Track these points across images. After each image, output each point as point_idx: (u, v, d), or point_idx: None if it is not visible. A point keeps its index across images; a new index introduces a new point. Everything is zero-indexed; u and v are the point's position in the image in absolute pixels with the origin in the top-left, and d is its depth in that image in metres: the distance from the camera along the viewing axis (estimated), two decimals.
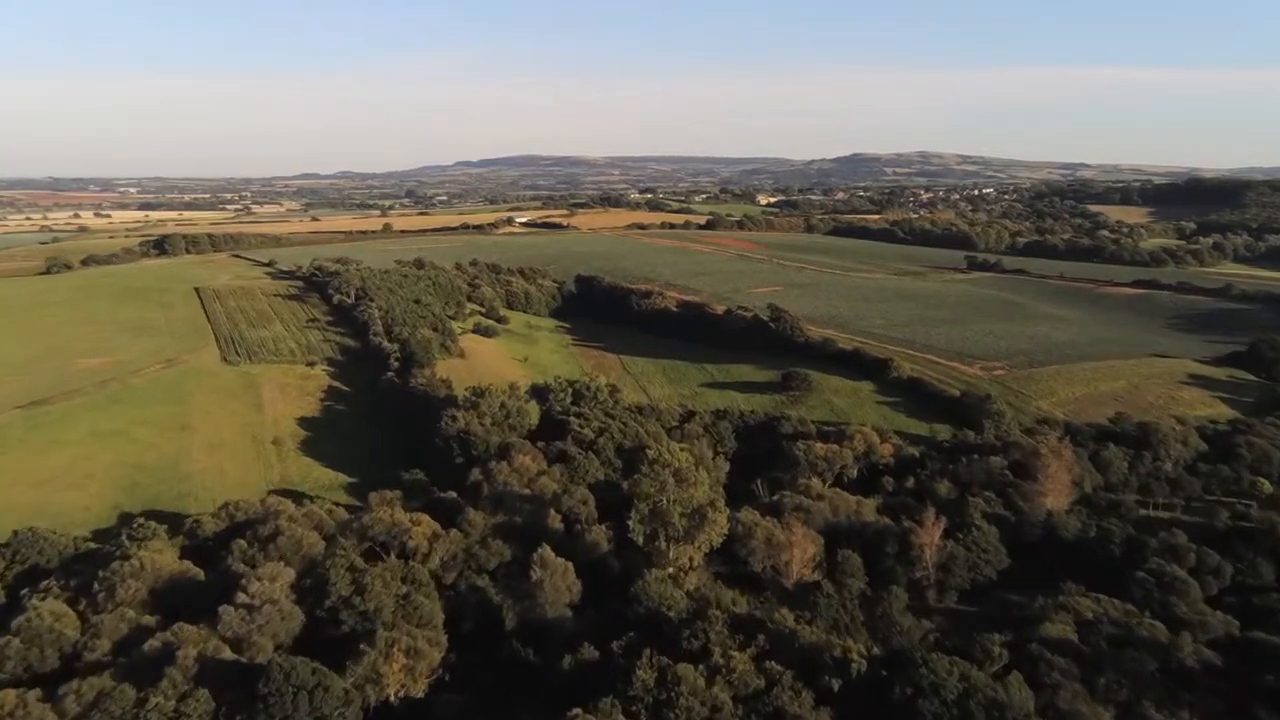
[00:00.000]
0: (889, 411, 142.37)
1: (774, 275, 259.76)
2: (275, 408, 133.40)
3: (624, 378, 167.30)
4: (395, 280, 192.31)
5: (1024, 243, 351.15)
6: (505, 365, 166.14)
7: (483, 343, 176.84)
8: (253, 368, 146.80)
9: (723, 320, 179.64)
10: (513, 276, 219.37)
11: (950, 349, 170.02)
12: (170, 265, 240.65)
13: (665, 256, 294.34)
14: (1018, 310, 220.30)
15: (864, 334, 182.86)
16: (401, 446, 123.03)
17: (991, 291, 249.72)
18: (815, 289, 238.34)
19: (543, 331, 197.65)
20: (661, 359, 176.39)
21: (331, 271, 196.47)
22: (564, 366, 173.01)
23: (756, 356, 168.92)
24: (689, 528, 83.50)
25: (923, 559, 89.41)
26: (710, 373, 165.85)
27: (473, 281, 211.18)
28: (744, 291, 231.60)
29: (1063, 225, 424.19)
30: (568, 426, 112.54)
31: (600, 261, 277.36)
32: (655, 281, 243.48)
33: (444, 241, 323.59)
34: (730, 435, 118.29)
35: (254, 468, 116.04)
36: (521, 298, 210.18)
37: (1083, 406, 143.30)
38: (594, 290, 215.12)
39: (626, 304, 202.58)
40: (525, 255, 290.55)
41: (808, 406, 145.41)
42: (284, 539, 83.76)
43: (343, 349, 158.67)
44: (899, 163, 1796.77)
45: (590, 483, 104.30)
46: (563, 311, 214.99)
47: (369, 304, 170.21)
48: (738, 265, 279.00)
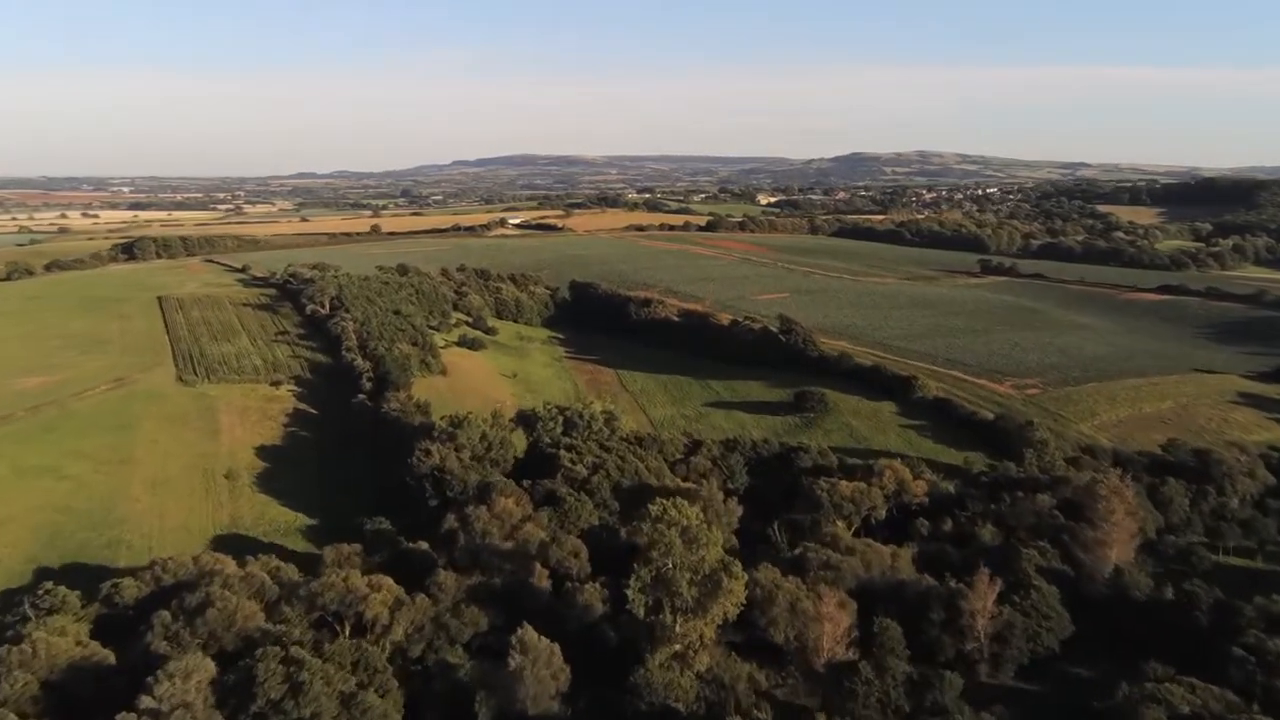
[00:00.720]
0: (914, 437, 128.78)
1: (780, 281, 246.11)
2: (232, 435, 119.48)
3: (621, 395, 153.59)
4: (375, 288, 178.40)
5: (1038, 245, 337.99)
6: (492, 383, 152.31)
7: (468, 357, 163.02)
8: (211, 388, 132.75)
9: (729, 332, 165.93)
10: (503, 283, 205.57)
11: (977, 364, 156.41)
12: (137, 271, 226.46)
13: (665, 260, 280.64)
14: (1039, 318, 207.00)
15: (881, 346, 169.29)
16: (372, 480, 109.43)
17: (1009, 297, 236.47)
18: (825, 296, 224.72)
19: (534, 343, 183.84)
20: (662, 374, 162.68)
21: (306, 279, 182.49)
22: (556, 383, 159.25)
23: (766, 372, 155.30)
24: (700, 597, 69.73)
25: (974, 628, 75.74)
26: (716, 390, 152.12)
27: (460, 289, 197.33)
28: (749, 299, 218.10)
29: (1074, 227, 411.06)
30: (558, 462, 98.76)
31: (597, 266, 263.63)
32: (655, 287, 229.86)
33: (432, 244, 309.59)
34: (741, 469, 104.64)
35: (200, 508, 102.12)
36: (512, 306, 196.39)
37: (1128, 431, 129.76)
38: (590, 298, 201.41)
39: (624, 313, 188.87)
40: (517, 259, 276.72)
41: (824, 430, 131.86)
42: (215, 611, 69.86)
43: (313, 366, 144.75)
44: (898, 162, 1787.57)
45: (583, 529, 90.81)
46: (556, 320, 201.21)
47: (343, 315, 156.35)
48: (741, 270, 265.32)
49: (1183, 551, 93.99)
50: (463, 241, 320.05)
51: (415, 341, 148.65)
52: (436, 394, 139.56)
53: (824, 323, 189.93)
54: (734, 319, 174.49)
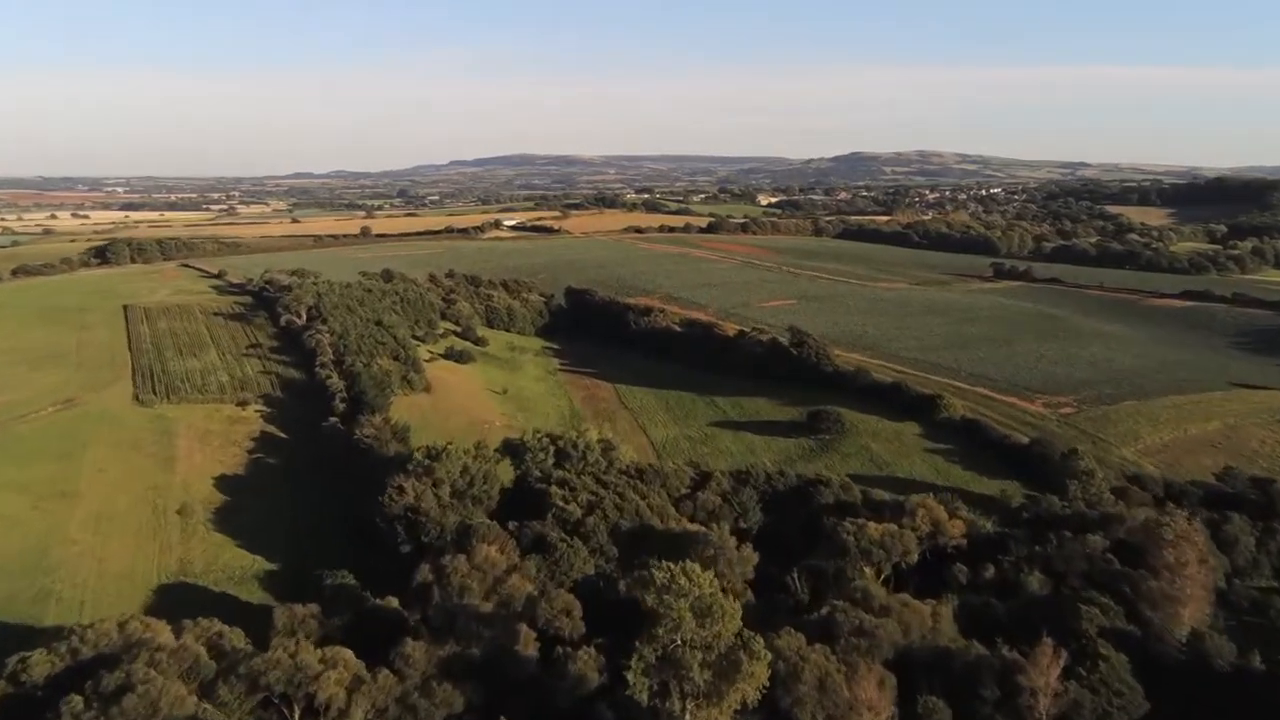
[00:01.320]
0: (941, 463, 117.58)
1: (786, 286, 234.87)
2: (190, 463, 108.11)
3: (620, 413, 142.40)
4: (357, 296, 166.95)
5: (1050, 248, 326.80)
6: (480, 400, 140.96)
7: (455, 371, 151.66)
8: (171, 409, 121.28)
9: (735, 344, 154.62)
10: (494, 290, 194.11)
11: (1003, 379, 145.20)
12: (109, 277, 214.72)
13: (665, 264, 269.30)
14: (1061, 326, 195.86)
15: (898, 359, 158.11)
16: (343, 515, 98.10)
17: (1026, 304, 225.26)
18: (833, 302, 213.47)
19: (527, 354, 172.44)
20: (664, 389, 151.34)
21: (283, 286, 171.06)
22: (550, 400, 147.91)
23: (775, 388, 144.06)
24: (714, 680, 58.48)
25: (1035, 709, 64.49)
26: (721, 408, 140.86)
27: (448, 296, 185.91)
28: (754, 305, 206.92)
29: (1085, 228, 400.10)
30: (548, 499, 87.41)
31: (594, 270, 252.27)
32: (655, 294, 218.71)
33: (423, 247, 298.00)
34: (755, 506, 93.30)
35: (146, 550, 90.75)
36: (504, 314, 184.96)
37: (1175, 456, 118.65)
38: (586, 305, 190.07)
39: (623, 322, 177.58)
40: (511, 264, 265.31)
41: (841, 454, 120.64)
42: (136, 697, 58.49)
43: (285, 383, 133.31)
44: (898, 162, 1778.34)
45: (576, 579, 79.62)
46: (551, 329, 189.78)
47: (320, 327, 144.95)
48: (745, 274, 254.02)
49: (1258, 603, 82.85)
50: (455, 244, 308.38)
51: (397, 356, 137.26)
52: (419, 414, 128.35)
53: (834, 332, 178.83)
54: (740, 330, 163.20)
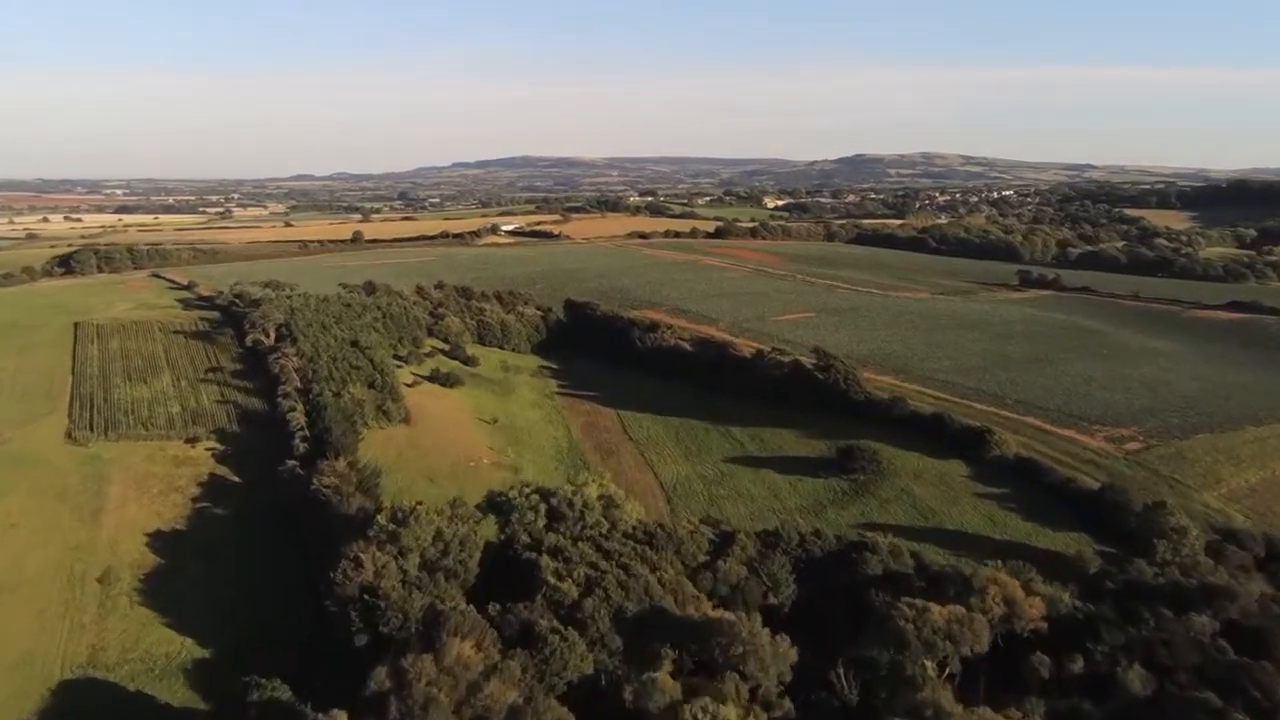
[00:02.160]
0: (996, 511, 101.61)
1: (802, 297, 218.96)
2: (122, 514, 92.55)
3: (624, 446, 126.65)
4: (334, 312, 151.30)
5: (1076, 254, 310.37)
6: (467, 432, 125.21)
7: (440, 397, 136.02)
8: (108, 447, 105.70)
9: (752, 366, 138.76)
10: (487, 303, 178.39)
11: (1054, 407, 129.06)
12: (69, 289, 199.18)
13: (672, 273, 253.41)
14: (1103, 342, 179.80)
15: (932, 382, 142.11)
16: (299, 582, 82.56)
17: (1060, 315, 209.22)
18: (854, 315, 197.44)
19: (522, 375, 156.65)
20: (673, 416, 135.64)
21: (254, 300, 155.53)
22: (546, 430, 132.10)
23: (800, 417, 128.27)
24: None
25: None
26: (739, 440, 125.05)
27: (436, 309, 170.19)
28: (769, 320, 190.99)
29: (1107, 232, 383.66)
30: (538, 573, 71.71)
31: (595, 280, 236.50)
32: (661, 305, 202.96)
33: (415, 254, 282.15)
34: (788, 577, 77.41)
35: (53, 630, 75.23)
36: (497, 330, 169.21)
37: (1265, 503, 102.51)
38: (587, 320, 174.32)
39: (627, 338, 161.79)
40: (507, 272, 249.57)
41: (879, 500, 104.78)
42: None
43: (244, 414, 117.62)
44: (902, 164, 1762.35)
45: (572, 681, 63.95)
46: (548, 346, 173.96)
47: (287, 349, 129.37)
48: (758, 284, 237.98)
49: None
50: (449, 251, 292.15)
51: (373, 382, 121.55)
52: (395, 451, 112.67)
53: (860, 350, 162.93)
54: (758, 350, 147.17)
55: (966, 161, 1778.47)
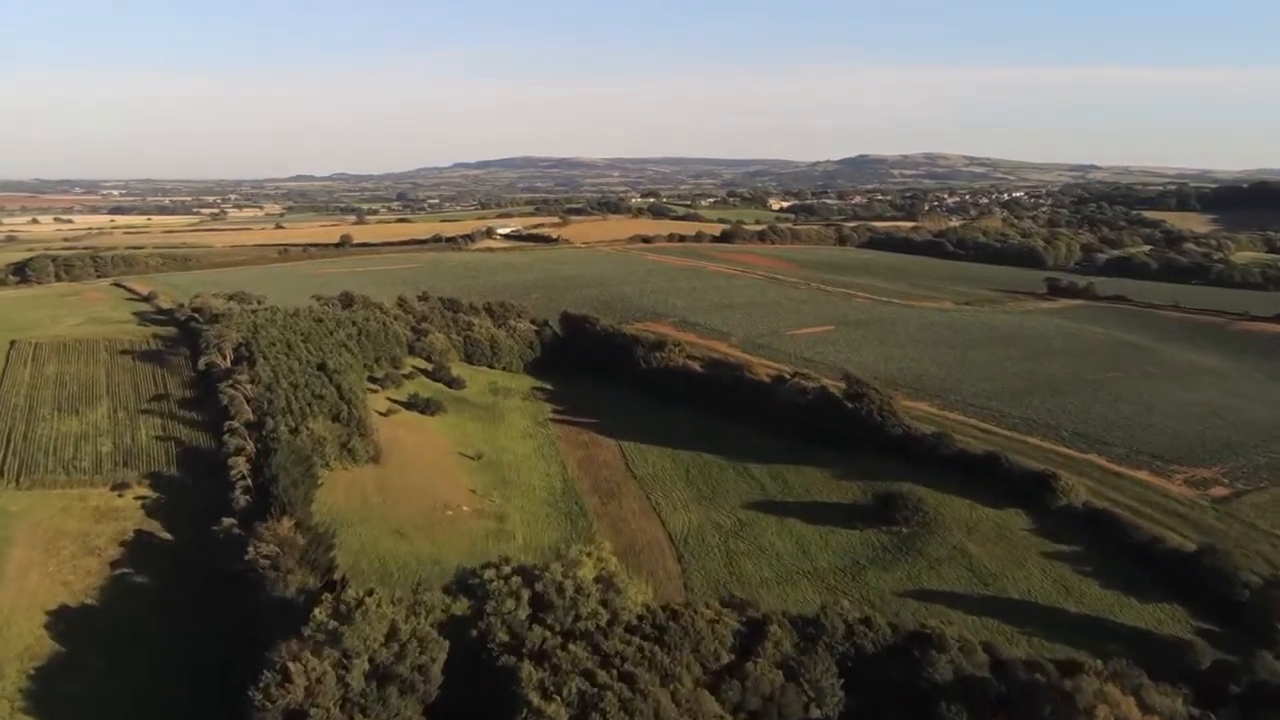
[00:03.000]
0: (1068, 575, 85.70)
1: (818, 307, 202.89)
2: (20, 587, 76.67)
3: (626, 485, 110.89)
4: (303, 329, 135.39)
5: (1104, 260, 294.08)
6: (447, 470, 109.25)
7: (419, 427, 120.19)
8: (18, 497, 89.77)
9: (771, 392, 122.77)
10: (476, 316, 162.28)
11: (1118, 441, 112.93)
12: (17, 300, 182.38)
13: (677, 281, 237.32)
14: (1151, 360, 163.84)
15: (974, 409, 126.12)
16: (221, 693, 66.38)
17: (1098, 329, 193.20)
18: (878, 329, 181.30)
19: (513, 399, 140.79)
20: (682, 449, 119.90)
21: (215, 315, 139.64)
22: (538, 466, 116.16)
23: (827, 453, 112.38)
24: None
25: None
26: (758, 480, 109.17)
27: (419, 324, 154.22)
28: (784, 334, 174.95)
29: (1130, 236, 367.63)
30: (517, 688, 55.75)
31: (595, 289, 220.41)
32: (666, 317, 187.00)
33: (403, 261, 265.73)
34: (834, 683, 61.31)
35: None
36: (486, 347, 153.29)
37: None
38: (585, 336, 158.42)
39: (629, 357, 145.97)
40: (500, 280, 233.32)
41: (929, 560, 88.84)
42: None
43: (186, 454, 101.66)
44: (905, 164, 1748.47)
45: None
46: (543, 365, 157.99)
47: (243, 373, 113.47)
48: (770, 293, 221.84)
49: None
50: (439, 257, 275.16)
51: (338, 414, 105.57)
52: (359, 498, 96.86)
53: (887, 370, 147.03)
54: (777, 373, 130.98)
55: (970, 162, 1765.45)
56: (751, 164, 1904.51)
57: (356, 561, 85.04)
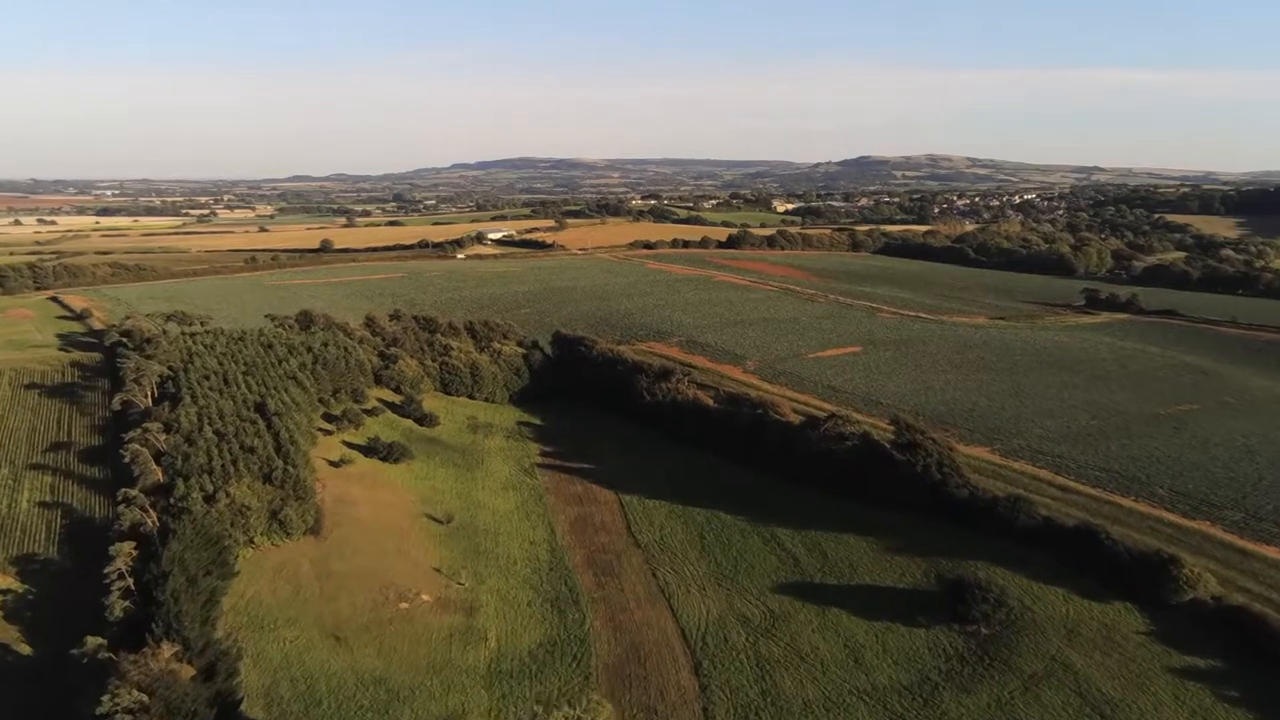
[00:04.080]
0: (1209, 702, 65.36)
1: (841, 324, 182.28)
2: None
3: (628, 555, 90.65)
4: (246, 358, 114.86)
5: (1141, 268, 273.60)
6: (405, 541, 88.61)
7: (378, 480, 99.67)
8: None
9: (802, 437, 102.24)
10: (455, 338, 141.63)
11: (1226, 501, 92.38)
12: None
13: (683, 292, 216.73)
14: (1225, 387, 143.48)
15: (1043, 457, 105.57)
16: None
17: (1151, 348, 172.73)
18: (911, 351, 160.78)
19: (495, 437, 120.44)
20: (695, 505, 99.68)
21: (147, 338, 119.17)
22: (521, 528, 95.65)
23: (872, 515, 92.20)
24: None
25: None
26: (790, 552, 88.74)
27: (389, 349, 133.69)
28: (806, 357, 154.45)
29: (1160, 241, 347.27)
30: None
31: (592, 302, 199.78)
32: (672, 336, 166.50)
33: (381, 269, 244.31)
34: None
35: None
36: (465, 375, 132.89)
37: None
38: (581, 361, 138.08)
39: (631, 387, 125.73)
40: (488, 292, 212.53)
41: (1022, 679, 68.29)
42: None
43: (74, 527, 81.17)
44: (908, 166, 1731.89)
45: None
46: (532, 395, 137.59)
47: (162, 416, 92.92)
48: (786, 306, 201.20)
49: None
50: (422, 266, 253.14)
51: (270, 472, 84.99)
52: (288, 585, 76.34)
53: (930, 403, 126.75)
54: (808, 415, 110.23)
55: (973, 164, 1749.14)
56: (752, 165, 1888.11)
57: (275, 683, 64.79)
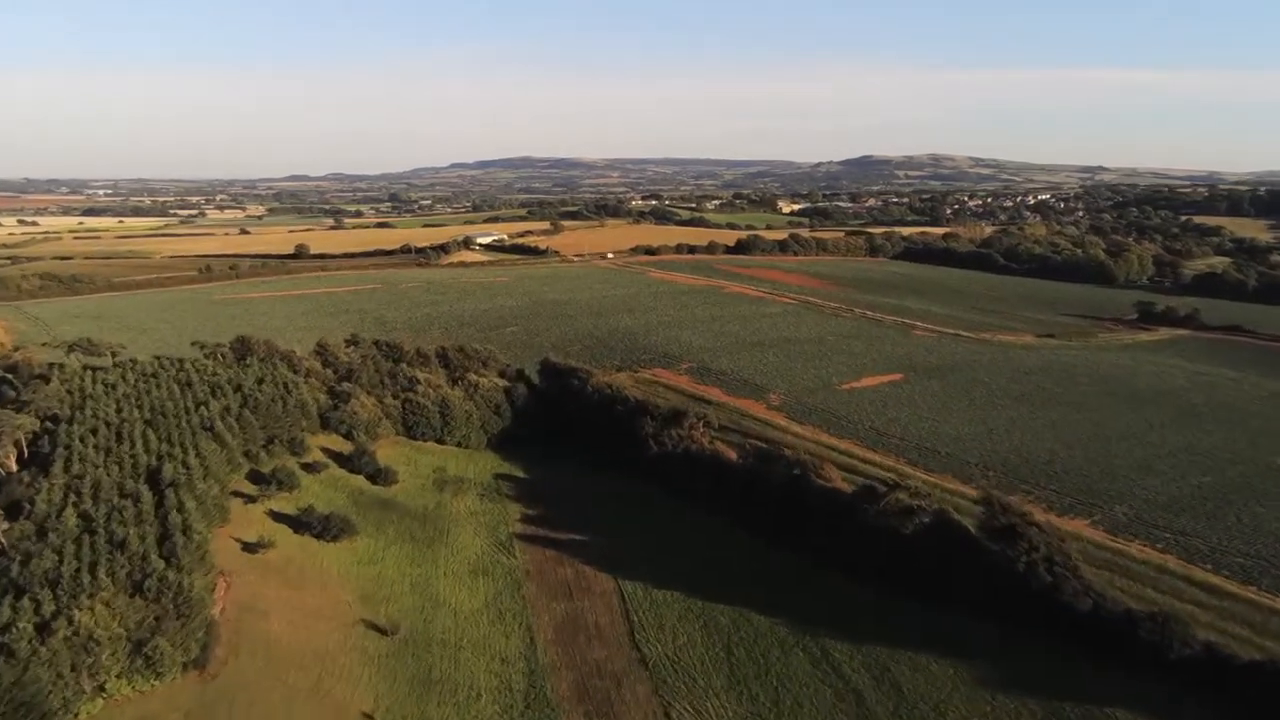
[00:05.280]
0: None
1: (874, 345, 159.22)
2: None
3: (630, 678, 67.69)
4: (152, 402, 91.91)
5: (1191, 276, 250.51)
6: (327, 666, 65.55)
7: (306, 568, 76.86)
8: None
9: (854, 511, 79.29)
10: (423, 368, 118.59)
11: None
12: None
13: (691, 307, 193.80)
14: None
15: (1162, 535, 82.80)
16: None
17: (1229, 373, 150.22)
18: (960, 378, 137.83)
19: (466, 496, 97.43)
20: (717, 599, 76.93)
21: (38, 375, 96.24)
22: (489, 638, 72.68)
23: (954, 621, 69.27)
24: None
25: None
26: (849, 681, 65.83)
27: (341, 383, 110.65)
28: (839, 388, 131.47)
29: (1199, 246, 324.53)
30: None
31: (589, 320, 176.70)
32: (681, 360, 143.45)
33: (353, 279, 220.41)
34: None
35: None
36: (434, 414, 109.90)
37: None
38: (573, 396, 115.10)
39: (633, 433, 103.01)
40: (469, 308, 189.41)
41: None
42: None
43: None
44: (910, 165, 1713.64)
45: None
46: (514, 438, 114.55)
47: (9, 497, 70.19)
48: (808, 324, 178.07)
49: None
50: (399, 275, 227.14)
51: (143, 579, 62.16)
52: None
53: (996, 451, 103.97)
54: (866, 488, 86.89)
55: (976, 163, 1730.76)
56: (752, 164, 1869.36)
57: None
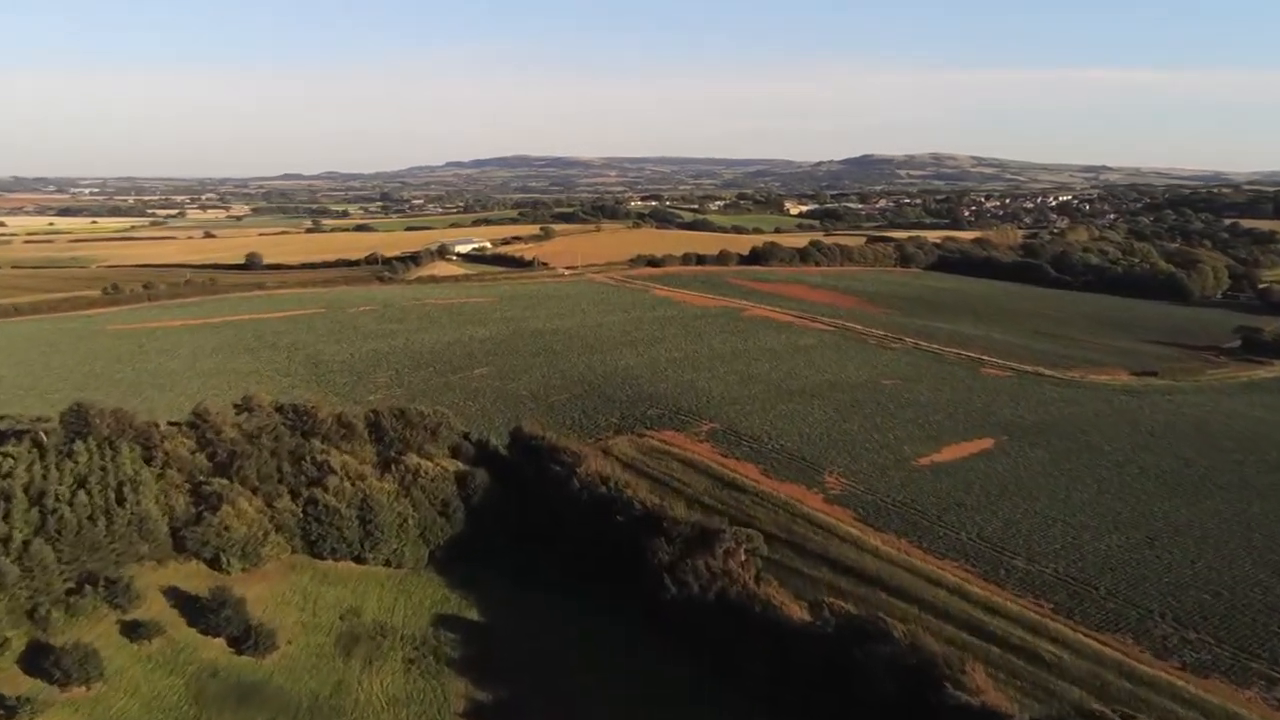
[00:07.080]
0: None
1: (945, 393, 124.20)
2: None
3: None
4: None
5: None
6: None
7: None
8: None
9: None
10: (341, 445, 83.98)
11: None
12: None
13: (707, 338, 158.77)
14: None
15: None
16: None
17: None
18: (1072, 446, 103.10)
19: (388, 665, 63.48)
20: None
21: None
22: None
23: None
24: None
25: None
26: None
27: (212, 477, 76.20)
28: (914, 464, 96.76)
29: (1265, 255, 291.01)
30: None
31: (580, 357, 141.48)
32: (699, 420, 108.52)
33: (290, 302, 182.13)
34: None
35: None
36: (350, 522, 75.31)
37: None
38: (553, 486, 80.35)
39: (641, 558, 68.39)
40: (430, 341, 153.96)
41: None
42: None
43: None
44: (912, 164, 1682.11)
45: None
46: (467, 549, 79.79)
47: None
48: (856, 362, 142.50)
49: None
50: (350, 294, 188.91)
51: None
52: None
53: (1175, 583, 70.25)
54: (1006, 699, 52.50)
55: (978, 163, 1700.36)
56: (752, 164, 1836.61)
57: None
